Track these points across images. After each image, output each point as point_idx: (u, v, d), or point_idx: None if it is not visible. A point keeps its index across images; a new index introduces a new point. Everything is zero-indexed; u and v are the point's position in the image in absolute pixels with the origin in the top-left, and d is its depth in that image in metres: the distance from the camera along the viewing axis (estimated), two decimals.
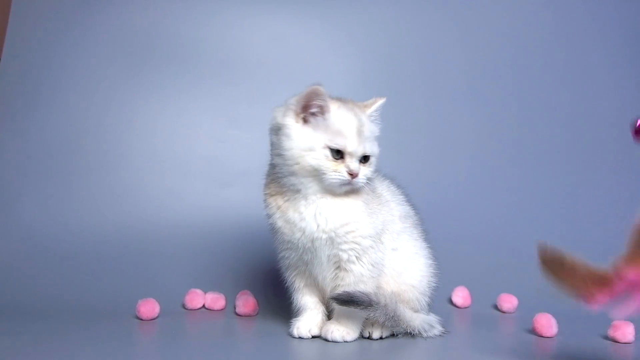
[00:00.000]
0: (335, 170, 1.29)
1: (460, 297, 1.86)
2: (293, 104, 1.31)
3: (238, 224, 2.01)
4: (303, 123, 1.30)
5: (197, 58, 2.24)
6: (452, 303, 1.87)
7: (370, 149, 1.34)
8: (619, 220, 2.24)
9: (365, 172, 1.33)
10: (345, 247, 1.33)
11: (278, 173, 1.34)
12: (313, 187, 1.31)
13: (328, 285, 1.39)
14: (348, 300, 1.31)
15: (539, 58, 2.40)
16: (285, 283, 1.46)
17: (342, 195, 1.34)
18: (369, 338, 1.40)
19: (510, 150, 2.31)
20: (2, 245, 1.94)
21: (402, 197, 1.51)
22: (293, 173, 1.30)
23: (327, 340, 1.36)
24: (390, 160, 1.49)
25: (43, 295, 1.77)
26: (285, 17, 2.32)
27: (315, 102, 1.28)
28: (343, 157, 1.30)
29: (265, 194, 1.40)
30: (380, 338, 1.40)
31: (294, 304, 1.45)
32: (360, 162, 1.33)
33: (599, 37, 2.43)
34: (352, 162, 1.30)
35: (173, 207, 2.09)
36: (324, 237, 1.33)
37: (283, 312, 1.55)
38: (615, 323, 1.46)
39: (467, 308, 1.86)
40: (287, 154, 1.29)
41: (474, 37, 2.38)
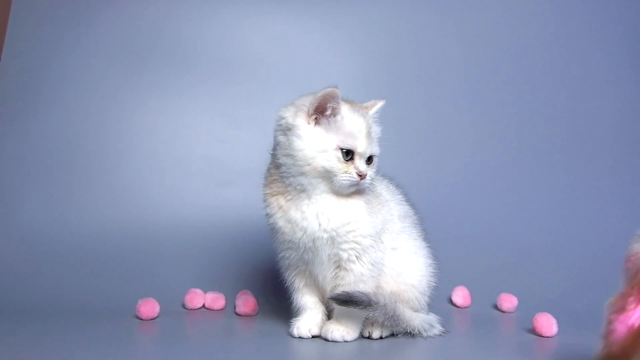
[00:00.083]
0: (346, 172, 1.30)
1: (460, 297, 1.86)
2: (305, 105, 1.31)
3: (238, 224, 2.01)
4: (314, 124, 1.30)
5: (197, 58, 2.25)
6: (452, 303, 1.87)
7: (376, 150, 1.37)
8: (619, 221, 2.25)
9: (370, 172, 1.34)
10: (346, 246, 1.34)
11: (285, 173, 1.33)
12: (321, 187, 1.32)
13: (328, 285, 1.39)
14: (347, 300, 1.31)
15: (539, 58, 2.40)
16: (285, 283, 1.46)
17: (344, 195, 1.34)
18: (369, 338, 1.40)
19: (510, 150, 2.30)
20: (2, 245, 1.94)
21: (400, 196, 1.51)
22: (303, 173, 1.30)
23: (327, 340, 1.36)
24: (390, 160, 1.49)
25: (43, 295, 1.77)
26: (285, 17, 2.32)
27: (331, 104, 1.29)
28: (352, 158, 1.31)
29: (266, 194, 1.40)
30: (380, 338, 1.40)
31: (294, 304, 1.45)
32: (365, 162, 1.34)
33: (599, 37, 2.43)
34: (360, 163, 1.32)
35: (173, 207, 2.09)
36: (325, 236, 1.33)
37: (283, 312, 1.55)
38: None
39: (467, 308, 1.86)
40: (298, 155, 1.29)
41: (474, 37, 2.38)
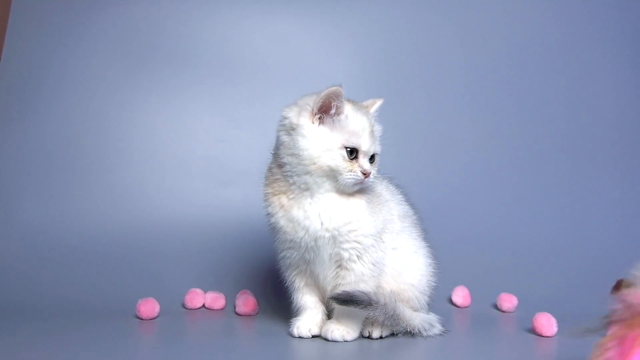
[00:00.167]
0: (351, 170, 1.30)
1: (460, 296, 1.86)
2: (309, 104, 1.31)
3: (238, 224, 2.02)
4: (319, 123, 1.31)
5: (197, 58, 2.25)
6: (452, 302, 1.87)
7: (379, 149, 1.38)
8: (619, 221, 2.25)
9: (373, 171, 1.35)
10: (347, 246, 1.34)
11: (289, 172, 1.33)
12: (325, 186, 1.32)
13: (329, 284, 1.39)
14: (347, 300, 1.31)
15: (539, 58, 2.40)
16: (285, 283, 1.46)
17: (347, 194, 1.34)
18: (369, 337, 1.40)
19: (510, 150, 2.31)
20: (2, 245, 1.94)
21: (400, 196, 1.51)
22: (308, 172, 1.30)
23: (327, 340, 1.36)
24: (390, 160, 1.49)
25: (43, 295, 1.77)
26: (286, 17, 2.32)
27: (335, 103, 1.29)
28: (356, 157, 1.32)
29: (267, 193, 1.40)
30: (380, 337, 1.40)
31: (294, 304, 1.45)
32: (368, 161, 1.35)
33: (599, 37, 2.43)
34: (365, 162, 1.33)
35: (173, 207, 2.09)
36: (327, 235, 1.33)
37: (283, 311, 1.55)
38: None
39: (467, 308, 1.86)
40: (303, 154, 1.29)
41: (474, 37, 2.38)
